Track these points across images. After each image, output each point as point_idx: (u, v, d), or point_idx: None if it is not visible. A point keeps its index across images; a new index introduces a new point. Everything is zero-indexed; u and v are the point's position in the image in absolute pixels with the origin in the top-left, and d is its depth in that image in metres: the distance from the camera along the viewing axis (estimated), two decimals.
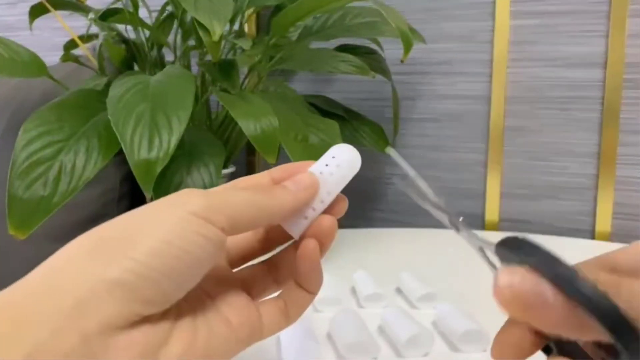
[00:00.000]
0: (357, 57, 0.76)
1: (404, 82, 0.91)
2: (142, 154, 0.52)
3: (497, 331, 0.24)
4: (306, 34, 0.78)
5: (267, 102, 0.60)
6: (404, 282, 0.58)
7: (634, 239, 0.80)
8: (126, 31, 0.81)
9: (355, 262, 0.70)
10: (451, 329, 0.47)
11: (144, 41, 0.78)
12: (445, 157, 0.91)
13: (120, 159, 0.61)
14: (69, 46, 0.86)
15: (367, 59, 0.79)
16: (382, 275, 0.61)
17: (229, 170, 0.72)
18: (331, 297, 0.55)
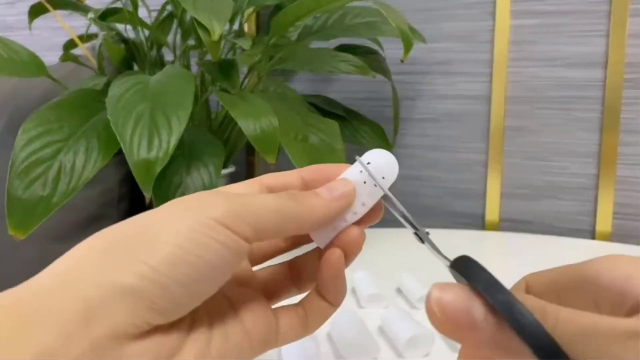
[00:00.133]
0: (357, 56, 0.76)
1: (404, 82, 0.91)
2: (142, 154, 0.52)
3: None
4: (306, 33, 0.78)
5: (267, 102, 0.60)
6: (404, 282, 0.58)
7: (634, 239, 0.80)
8: (125, 31, 0.81)
9: (355, 262, 0.70)
10: None
11: (143, 41, 0.78)
12: (445, 157, 0.91)
13: (119, 159, 0.61)
14: (69, 46, 0.86)
15: (367, 59, 0.79)
16: (382, 275, 0.61)
17: (229, 170, 0.72)
18: None
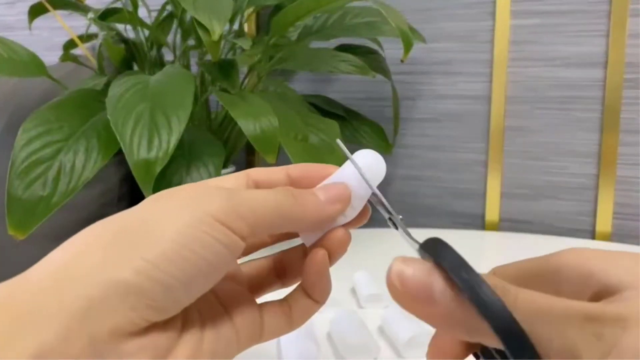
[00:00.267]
0: (357, 56, 0.76)
1: (404, 82, 0.91)
2: (142, 153, 0.52)
3: None
4: (306, 33, 0.78)
5: (267, 102, 0.60)
6: None
7: (634, 239, 0.80)
8: (125, 31, 0.81)
9: (355, 262, 0.70)
10: None
11: (143, 41, 0.78)
12: (445, 157, 0.91)
13: (119, 159, 0.61)
14: (68, 46, 0.86)
15: (367, 59, 0.79)
16: (382, 275, 0.60)
17: (229, 170, 0.72)
18: (331, 298, 0.54)
